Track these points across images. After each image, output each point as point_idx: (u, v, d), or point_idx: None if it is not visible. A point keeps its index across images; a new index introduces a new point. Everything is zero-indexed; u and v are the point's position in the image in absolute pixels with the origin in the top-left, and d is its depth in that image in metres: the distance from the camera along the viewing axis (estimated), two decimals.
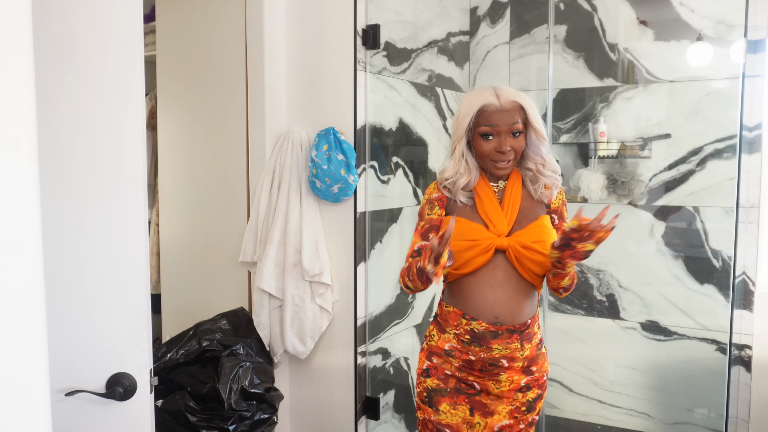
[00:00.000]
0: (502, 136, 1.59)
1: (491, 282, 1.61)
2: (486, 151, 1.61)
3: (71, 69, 1.23)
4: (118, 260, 1.29)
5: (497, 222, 1.62)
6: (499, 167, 1.62)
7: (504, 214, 1.63)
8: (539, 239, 1.59)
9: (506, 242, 1.60)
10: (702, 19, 2.77)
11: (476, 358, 1.62)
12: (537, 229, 1.62)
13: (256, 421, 2.27)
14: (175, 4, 2.78)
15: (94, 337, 1.28)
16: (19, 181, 0.78)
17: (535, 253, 1.58)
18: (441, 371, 1.67)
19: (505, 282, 1.61)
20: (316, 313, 2.48)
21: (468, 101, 1.63)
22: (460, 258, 1.59)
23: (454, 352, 1.65)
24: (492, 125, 1.58)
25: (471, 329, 1.61)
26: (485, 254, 1.59)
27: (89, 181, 1.26)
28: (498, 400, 1.64)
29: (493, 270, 1.61)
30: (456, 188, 1.66)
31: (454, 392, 1.66)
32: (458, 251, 1.58)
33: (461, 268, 1.61)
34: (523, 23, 3.25)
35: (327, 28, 2.45)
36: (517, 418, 1.65)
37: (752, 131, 2.60)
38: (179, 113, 2.82)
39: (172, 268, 2.90)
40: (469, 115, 1.60)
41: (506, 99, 1.60)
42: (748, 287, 2.62)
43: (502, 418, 1.63)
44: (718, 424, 2.73)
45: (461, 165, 1.65)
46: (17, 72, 0.78)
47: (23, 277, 0.79)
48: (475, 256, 1.59)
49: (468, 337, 1.62)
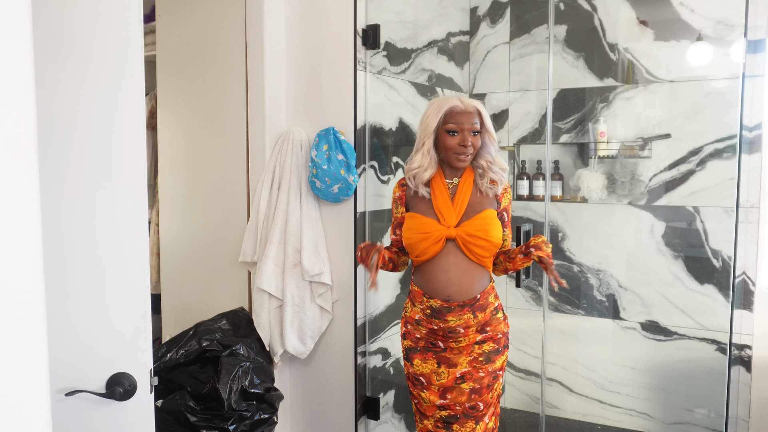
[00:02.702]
0: (464, 133, 1.91)
1: (444, 266, 1.93)
2: (451, 144, 1.92)
3: (71, 69, 1.23)
4: (118, 260, 1.29)
5: (447, 215, 1.93)
6: (461, 159, 1.94)
7: (454, 208, 1.94)
8: (483, 228, 1.91)
9: (454, 232, 1.91)
10: (702, 19, 2.77)
11: (437, 327, 1.96)
12: (482, 219, 1.93)
13: (256, 421, 2.27)
14: (175, 4, 2.78)
15: (94, 337, 1.28)
16: (19, 181, 0.78)
17: (479, 239, 1.90)
18: (413, 335, 2.03)
19: (455, 265, 1.92)
20: (316, 313, 2.48)
21: (437, 104, 1.95)
22: (417, 248, 1.93)
23: (422, 322, 1.99)
24: (457, 123, 1.91)
25: (430, 305, 1.95)
26: (437, 244, 1.91)
27: (89, 180, 1.26)
28: (459, 354, 1.97)
29: (445, 256, 1.93)
30: (418, 181, 1.97)
31: (423, 350, 2.01)
32: (415, 242, 1.93)
33: (420, 256, 1.94)
34: (523, 23, 3.25)
35: (327, 28, 2.45)
36: (475, 366, 1.97)
37: (752, 131, 2.60)
38: (179, 113, 2.82)
39: (172, 268, 2.90)
40: (439, 115, 1.92)
41: (469, 103, 1.94)
42: (748, 287, 2.62)
43: (463, 367, 1.96)
44: (718, 424, 2.73)
45: (426, 158, 1.95)
46: (17, 72, 0.78)
47: (23, 277, 0.79)
48: (429, 246, 1.91)
49: (429, 311, 1.96)
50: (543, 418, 2.90)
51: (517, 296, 3.32)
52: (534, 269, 3.10)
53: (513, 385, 3.37)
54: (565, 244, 3.18)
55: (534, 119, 3.24)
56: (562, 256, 3.18)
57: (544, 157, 3.15)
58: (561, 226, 3.19)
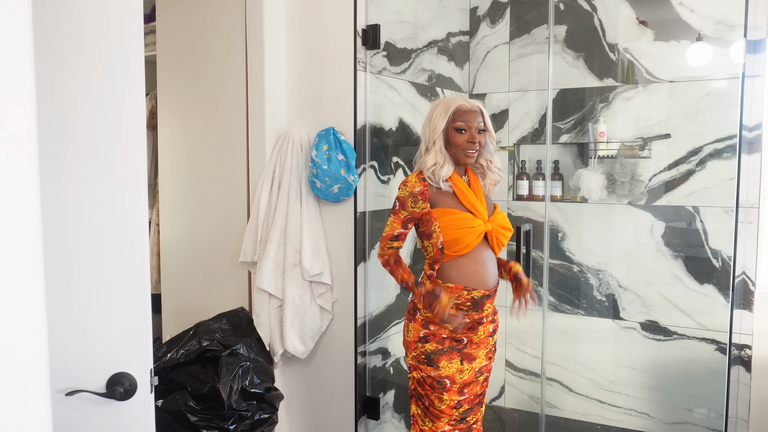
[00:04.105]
0: (472, 130, 2.00)
1: (480, 258, 2.01)
2: (460, 142, 2.01)
3: (71, 69, 1.23)
4: (119, 260, 1.29)
5: (481, 210, 2.01)
6: (469, 155, 2.02)
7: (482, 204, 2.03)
8: (507, 221, 2.07)
9: (490, 226, 2.01)
10: (702, 19, 2.77)
11: (471, 320, 2.00)
12: (502, 213, 2.08)
13: (256, 421, 2.28)
14: (175, 4, 2.78)
15: (94, 337, 1.28)
16: (19, 180, 0.78)
17: (507, 231, 2.05)
18: (438, 336, 2.01)
19: (488, 256, 2.03)
20: (316, 313, 2.48)
21: (443, 105, 2.03)
22: (461, 242, 1.96)
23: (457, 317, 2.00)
24: (465, 121, 2.00)
25: (471, 297, 1.99)
26: (479, 238, 1.98)
27: (89, 180, 1.26)
28: (478, 348, 2.04)
29: (479, 248, 2.01)
30: (438, 177, 2.01)
31: (449, 350, 2.01)
32: (460, 237, 1.96)
33: (460, 250, 1.98)
34: (523, 23, 3.25)
35: (327, 28, 2.45)
36: (491, 358, 2.09)
37: (752, 131, 2.60)
38: (179, 113, 2.82)
39: (172, 268, 2.90)
40: (448, 114, 2.01)
41: (474, 103, 2.04)
42: (748, 287, 2.62)
43: (481, 360, 2.05)
44: (718, 424, 2.73)
45: (440, 156, 2.01)
46: (17, 72, 0.78)
47: (23, 277, 0.79)
48: (473, 240, 1.97)
49: (469, 304, 1.99)
50: (543, 418, 2.90)
51: None
52: (534, 269, 3.10)
53: (513, 384, 3.37)
54: (565, 244, 3.18)
55: (534, 119, 3.24)
56: (562, 256, 3.18)
57: (544, 157, 3.15)
58: (561, 226, 3.19)
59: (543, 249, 2.96)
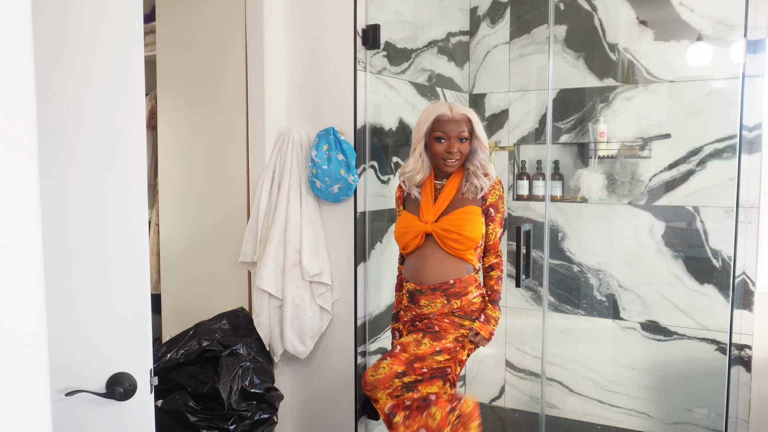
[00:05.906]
0: (451, 140, 2.06)
1: (422, 256, 2.14)
2: (438, 151, 2.09)
3: (71, 69, 1.23)
4: (119, 260, 1.28)
5: (426, 213, 2.12)
6: (447, 164, 2.10)
7: (434, 207, 2.11)
8: (456, 223, 2.07)
9: (431, 227, 2.10)
10: (702, 19, 2.77)
11: (413, 314, 2.16)
12: (458, 215, 2.08)
13: (256, 421, 2.27)
14: (175, 4, 2.78)
15: (94, 337, 1.28)
16: (19, 181, 0.78)
17: (452, 233, 2.07)
18: (402, 318, 2.24)
19: (431, 255, 2.12)
20: (316, 313, 2.48)
21: (428, 111, 2.10)
22: (401, 241, 2.17)
23: (407, 308, 2.20)
24: (444, 131, 2.06)
25: (408, 290, 2.17)
26: (417, 238, 2.12)
27: (89, 180, 1.26)
28: (445, 333, 2.10)
29: (425, 248, 2.13)
30: (410, 183, 2.16)
31: (409, 327, 2.20)
32: (399, 236, 2.17)
33: (405, 248, 2.18)
34: (523, 23, 3.25)
35: (327, 28, 2.45)
36: (461, 342, 2.11)
37: (752, 131, 2.60)
38: (179, 113, 2.82)
39: (172, 268, 2.90)
40: (428, 122, 2.07)
41: (457, 112, 2.07)
42: (748, 287, 2.62)
43: (448, 342, 2.10)
44: (718, 424, 2.73)
45: (419, 162, 2.12)
46: (17, 72, 0.78)
47: (23, 277, 0.79)
48: (410, 240, 2.13)
49: (408, 296, 2.18)
50: (543, 418, 2.90)
51: (517, 296, 3.32)
52: (534, 269, 3.10)
53: (513, 385, 3.37)
54: (565, 244, 3.18)
55: (534, 119, 3.24)
56: (562, 256, 3.18)
57: (544, 157, 3.15)
58: (561, 226, 3.19)
59: (543, 249, 2.96)
